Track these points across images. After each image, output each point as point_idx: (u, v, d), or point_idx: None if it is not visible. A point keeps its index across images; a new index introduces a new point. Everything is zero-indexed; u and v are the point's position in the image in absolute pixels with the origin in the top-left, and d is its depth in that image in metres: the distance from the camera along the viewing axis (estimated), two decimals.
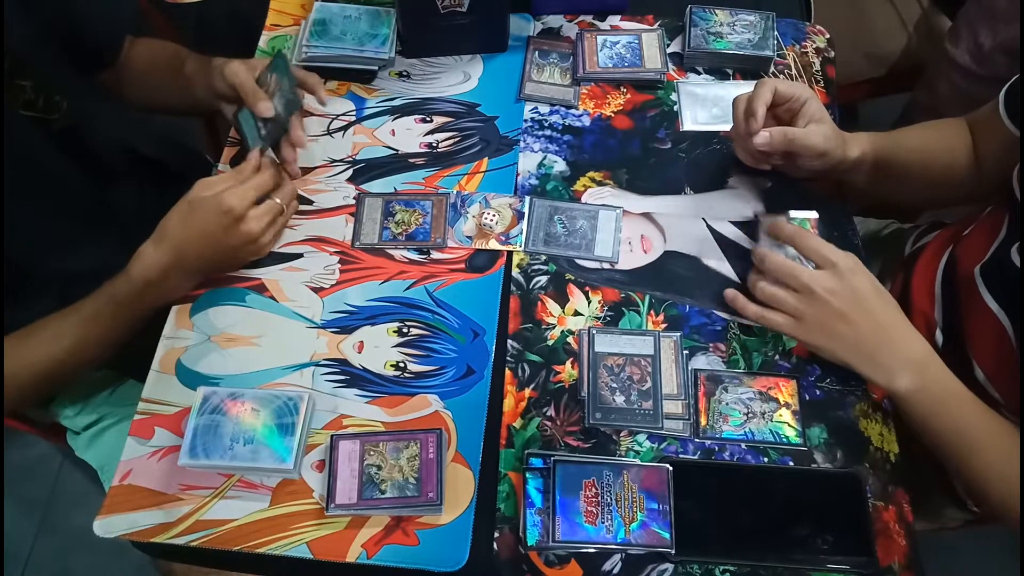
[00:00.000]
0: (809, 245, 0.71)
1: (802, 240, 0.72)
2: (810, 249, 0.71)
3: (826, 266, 0.70)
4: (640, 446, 0.71)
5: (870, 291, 0.69)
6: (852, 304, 0.68)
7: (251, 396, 0.70)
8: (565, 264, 0.81)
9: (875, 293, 0.69)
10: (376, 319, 0.78)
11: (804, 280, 0.69)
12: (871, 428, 0.72)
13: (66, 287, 0.76)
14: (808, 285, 0.69)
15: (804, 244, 0.72)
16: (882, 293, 0.70)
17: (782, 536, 0.67)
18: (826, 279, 0.69)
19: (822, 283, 0.69)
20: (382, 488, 0.66)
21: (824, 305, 0.68)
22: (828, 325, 0.69)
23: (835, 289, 0.68)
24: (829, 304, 0.68)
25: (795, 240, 0.73)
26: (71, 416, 0.96)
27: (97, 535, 0.66)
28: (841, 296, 0.68)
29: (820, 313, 0.69)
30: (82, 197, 0.83)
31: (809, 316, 0.69)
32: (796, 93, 0.77)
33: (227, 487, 0.69)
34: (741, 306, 0.74)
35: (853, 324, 0.68)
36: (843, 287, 0.68)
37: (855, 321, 0.68)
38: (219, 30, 1.31)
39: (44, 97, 0.76)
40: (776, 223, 0.75)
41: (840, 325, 0.68)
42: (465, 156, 0.89)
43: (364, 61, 0.93)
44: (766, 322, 0.72)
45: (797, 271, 0.70)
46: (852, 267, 0.69)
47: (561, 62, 0.95)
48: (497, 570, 0.66)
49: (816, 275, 0.69)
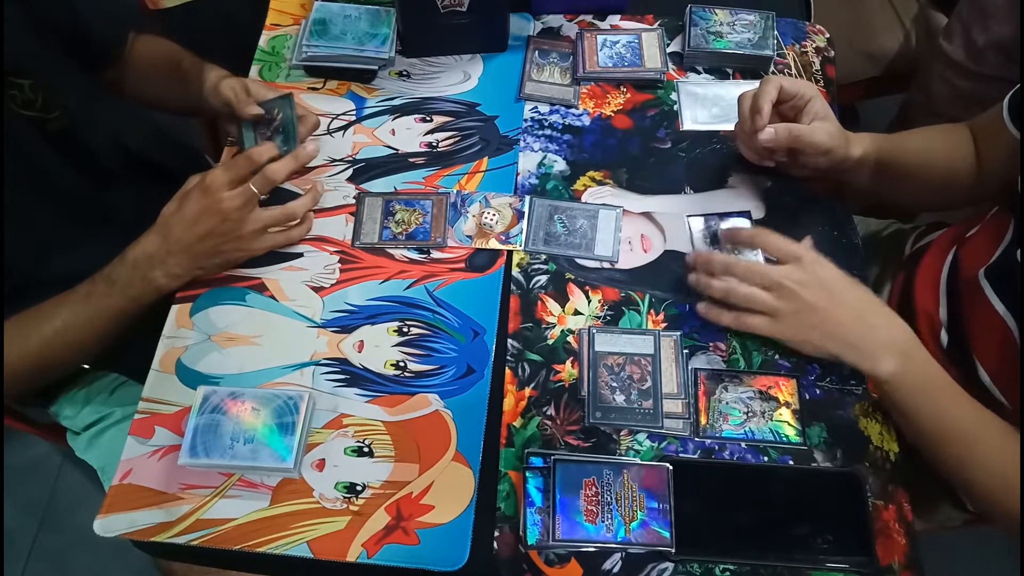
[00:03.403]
0: (770, 242, 0.72)
1: (763, 238, 0.73)
2: (772, 246, 0.72)
3: (791, 261, 0.71)
4: (640, 445, 0.71)
5: (838, 279, 0.70)
6: (823, 293, 0.69)
7: (251, 395, 0.70)
8: (565, 263, 0.81)
9: (844, 281, 0.71)
10: (376, 318, 0.78)
11: (774, 277, 0.70)
12: (871, 427, 0.72)
13: (66, 287, 0.76)
14: (778, 281, 0.70)
15: (765, 242, 0.73)
16: (851, 281, 0.71)
17: (782, 535, 0.67)
18: (794, 272, 0.70)
19: (791, 276, 0.70)
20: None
21: (797, 298, 0.69)
22: (804, 317, 0.69)
23: (804, 280, 0.69)
24: (801, 296, 0.69)
25: (755, 240, 0.74)
26: (71, 416, 0.96)
27: (97, 534, 0.66)
28: (811, 287, 0.69)
29: (795, 306, 0.69)
30: (81, 197, 0.83)
31: (785, 311, 0.70)
32: (801, 90, 0.77)
33: (227, 486, 0.69)
34: (715, 316, 0.74)
35: (828, 313, 0.69)
36: (811, 278, 0.69)
37: (829, 309, 0.69)
38: (210, 33, 1.31)
39: (43, 96, 0.76)
40: (732, 229, 0.77)
41: (815, 316, 0.69)
42: (465, 155, 0.89)
43: (364, 61, 0.93)
44: (744, 326, 0.72)
45: (766, 269, 0.71)
46: (815, 258, 0.71)
47: (561, 62, 0.95)
48: (497, 569, 0.66)
49: (783, 270, 0.70)
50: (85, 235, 0.83)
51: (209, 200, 0.73)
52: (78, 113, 0.80)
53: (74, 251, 0.81)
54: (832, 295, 0.69)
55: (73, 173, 0.81)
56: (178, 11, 1.29)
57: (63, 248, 0.81)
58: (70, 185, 0.81)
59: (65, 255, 0.80)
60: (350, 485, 0.69)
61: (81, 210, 0.83)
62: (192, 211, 0.73)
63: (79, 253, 0.80)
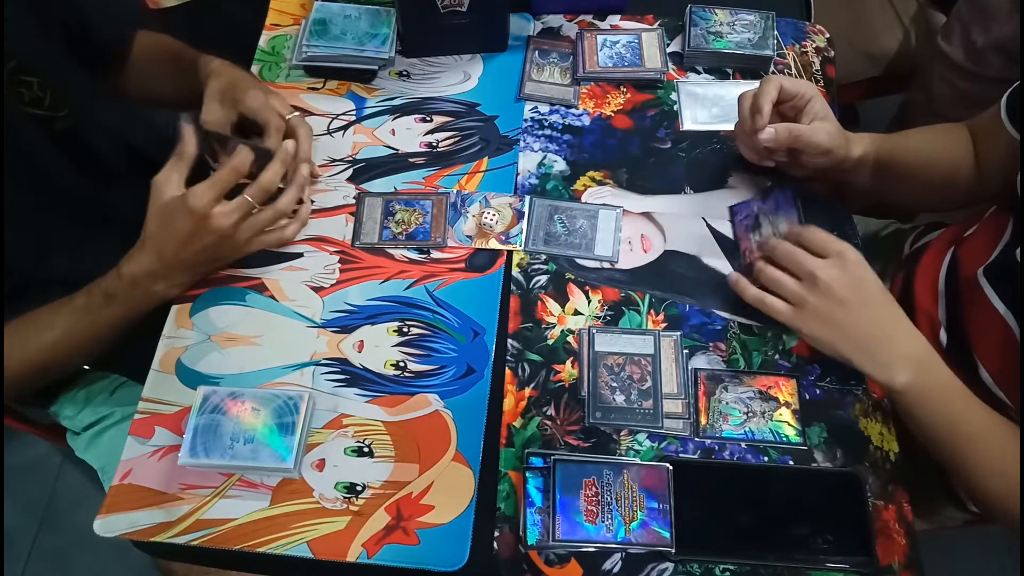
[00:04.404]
0: (815, 238, 0.71)
1: (808, 234, 0.72)
2: (816, 241, 0.71)
3: (831, 255, 0.69)
4: (640, 445, 0.71)
5: (872, 283, 0.69)
6: (854, 293, 0.68)
7: (251, 395, 0.70)
8: (565, 263, 0.81)
9: (877, 287, 0.69)
10: (376, 318, 0.78)
11: (809, 267, 0.69)
12: (871, 427, 0.72)
13: (66, 287, 0.76)
14: (813, 272, 0.68)
15: (810, 237, 0.72)
16: (884, 289, 0.70)
17: (782, 535, 0.67)
18: (831, 267, 0.69)
19: (827, 270, 0.68)
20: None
21: (826, 292, 0.68)
22: (827, 314, 0.68)
23: (839, 277, 0.68)
24: (831, 291, 0.68)
25: (801, 236, 0.73)
26: (71, 416, 0.96)
27: (97, 534, 0.66)
28: (844, 284, 0.68)
29: (820, 301, 0.68)
30: (82, 197, 0.83)
31: (810, 303, 0.69)
32: (801, 90, 0.77)
33: (227, 486, 0.69)
34: (742, 288, 0.73)
35: (852, 314, 0.68)
36: (847, 276, 0.68)
37: (854, 311, 0.68)
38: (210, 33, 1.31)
39: (51, 95, 0.76)
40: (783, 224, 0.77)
41: (839, 314, 0.68)
42: (465, 155, 0.89)
43: (364, 61, 0.93)
44: (764, 306, 0.71)
45: (803, 257, 0.70)
46: (857, 259, 0.69)
47: (561, 62, 0.95)
48: (497, 569, 0.66)
49: (821, 263, 0.69)
50: (85, 235, 0.82)
51: (199, 219, 0.70)
52: (84, 113, 0.80)
53: (74, 251, 0.81)
54: (860, 296, 0.68)
55: (75, 173, 0.81)
56: (178, 11, 1.29)
57: (63, 248, 0.81)
58: (72, 185, 0.81)
59: (65, 255, 0.80)
60: (350, 485, 0.69)
61: (82, 210, 0.83)
62: (183, 231, 0.71)
63: (79, 253, 0.80)
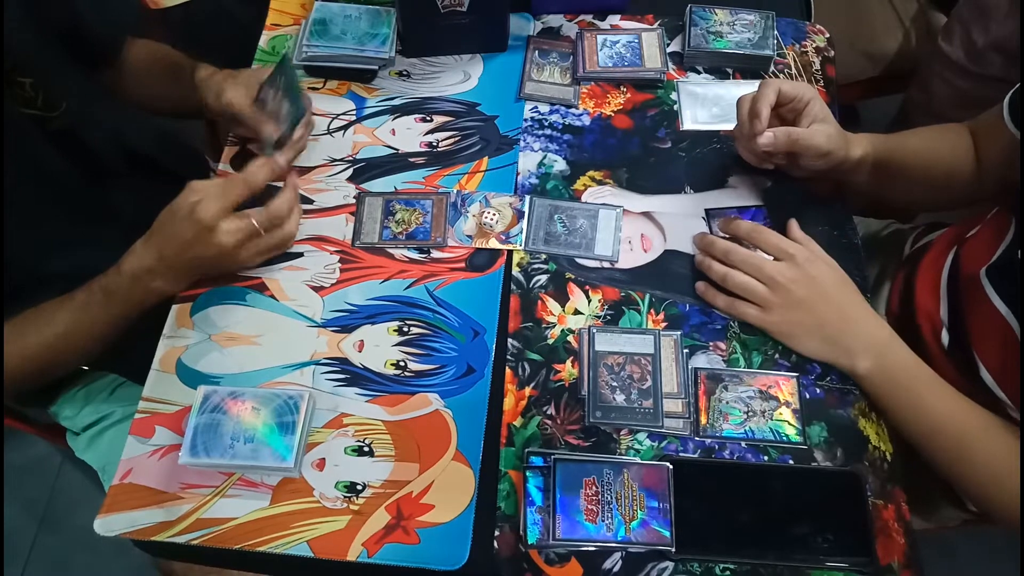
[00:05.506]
0: (767, 240, 0.76)
1: (759, 235, 0.76)
2: (768, 244, 0.76)
3: (785, 258, 0.74)
4: (640, 444, 0.71)
5: (828, 278, 0.74)
6: (812, 291, 0.73)
7: (251, 395, 0.70)
8: (565, 263, 0.81)
9: (834, 280, 0.74)
10: (376, 318, 0.78)
11: (768, 271, 0.74)
12: (868, 427, 0.73)
13: (66, 287, 0.76)
14: (772, 276, 0.73)
15: (761, 239, 0.76)
16: (841, 280, 0.75)
17: (782, 534, 0.67)
18: (787, 269, 0.74)
19: (784, 273, 0.73)
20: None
21: (787, 294, 0.73)
22: (791, 313, 0.73)
23: (796, 278, 0.73)
24: (791, 292, 0.73)
25: (752, 236, 0.77)
26: (71, 416, 0.96)
27: (97, 534, 0.66)
28: (801, 284, 0.73)
29: (784, 301, 0.73)
30: (81, 196, 0.83)
31: (775, 305, 0.74)
32: (800, 93, 0.77)
33: (227, 486, 0.69)
34: (711, 297, 0.78)
35: (814, 310, 0.73)
36: (803, 275, 0.73)
37: (815, 307, 0.73)
38: (210, 33, 1.31)
39: (44, 95, 0.76)
40: (731, 220, 0.80)
41: (801, 312, 0.73)
42: (465, 155, 0.89)
43: (364, 60, 0.93)
44: (736, 312, 0.76)
45: (762, 263, 0.74)
46: (809, 256, 0.74)
47: (561, 61, 0.95)
48: (497, 568, 0.66)
49: (778, 266, 0.74)
50: (85, 234, 0.82)
51: (203, 230, 0.70)
52: (79, 112, 0.80)
53: (74, 250, 0.81)
54: (818, 292, 0.73)
55: (73, 172, 0.81)
56: (178, 10, 1.29)
57: (63, 247, 0.81)
58: (70, 184, 0.81)
59: (65, 254, 0.80)
60: (350, 484, 0.69)
61: (81, 209, 0.83)
62: (185, 237, 0.71)
63: (79, 252, 0.80)
